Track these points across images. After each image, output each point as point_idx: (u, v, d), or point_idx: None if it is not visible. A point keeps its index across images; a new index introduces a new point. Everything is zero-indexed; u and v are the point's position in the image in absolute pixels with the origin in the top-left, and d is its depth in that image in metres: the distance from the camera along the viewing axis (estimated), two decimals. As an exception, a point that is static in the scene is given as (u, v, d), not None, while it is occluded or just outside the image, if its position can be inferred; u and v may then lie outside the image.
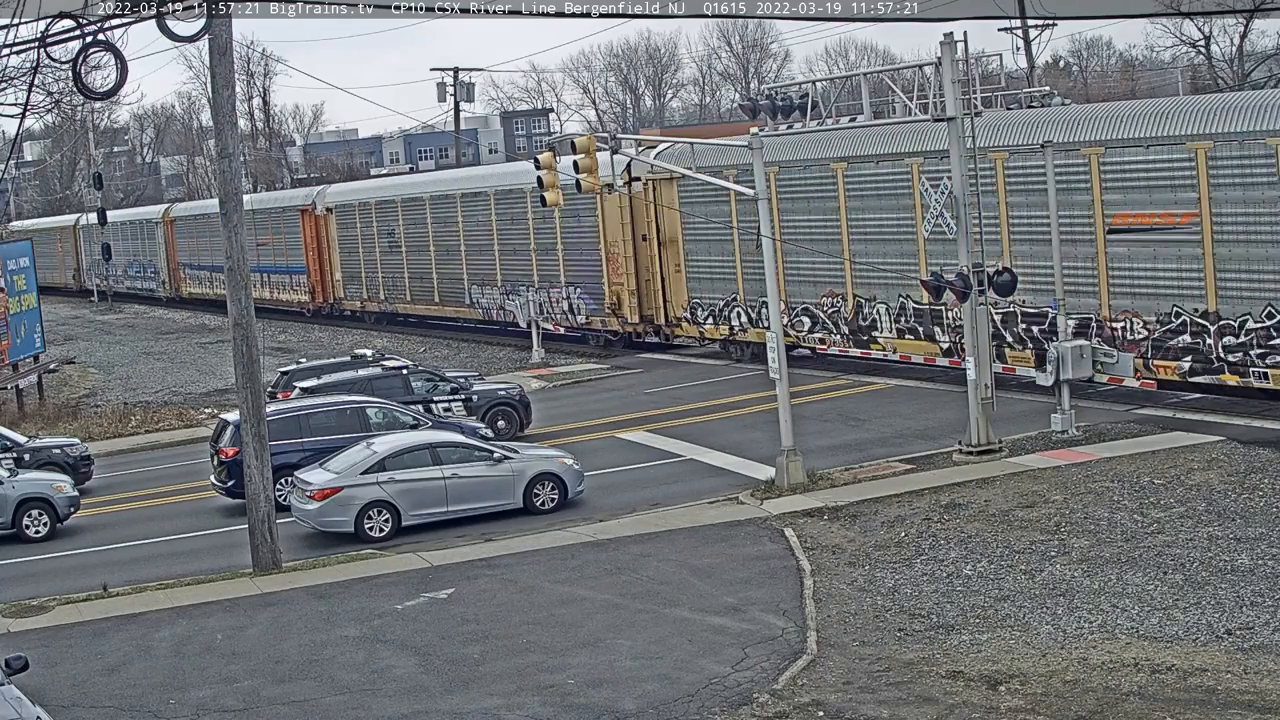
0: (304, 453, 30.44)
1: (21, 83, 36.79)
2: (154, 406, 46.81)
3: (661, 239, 46.33)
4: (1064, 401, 30.08)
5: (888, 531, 24.47)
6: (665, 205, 45.28)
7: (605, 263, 48.63)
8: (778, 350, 28.53)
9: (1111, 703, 16.78)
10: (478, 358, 52.09)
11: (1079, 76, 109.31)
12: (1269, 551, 21.50)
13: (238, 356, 26.03)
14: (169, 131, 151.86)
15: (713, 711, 17.53)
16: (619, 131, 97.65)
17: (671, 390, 41.09)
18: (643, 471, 31.64)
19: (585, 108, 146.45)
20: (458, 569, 24.51)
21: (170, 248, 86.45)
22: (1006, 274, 29.52)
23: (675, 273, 45.86)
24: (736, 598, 21.73)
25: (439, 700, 18.64)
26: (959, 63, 28.76)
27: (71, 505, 30.96)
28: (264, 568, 25.60)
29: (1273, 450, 26.91)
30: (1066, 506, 24.77)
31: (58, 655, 21.54)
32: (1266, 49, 78.89)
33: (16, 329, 47.86)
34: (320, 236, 68.52)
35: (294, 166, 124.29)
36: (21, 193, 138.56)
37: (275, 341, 59.46)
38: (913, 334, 37.30)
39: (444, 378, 37.42)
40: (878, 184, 37.55)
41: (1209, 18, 65.42)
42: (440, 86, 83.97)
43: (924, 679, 17.97)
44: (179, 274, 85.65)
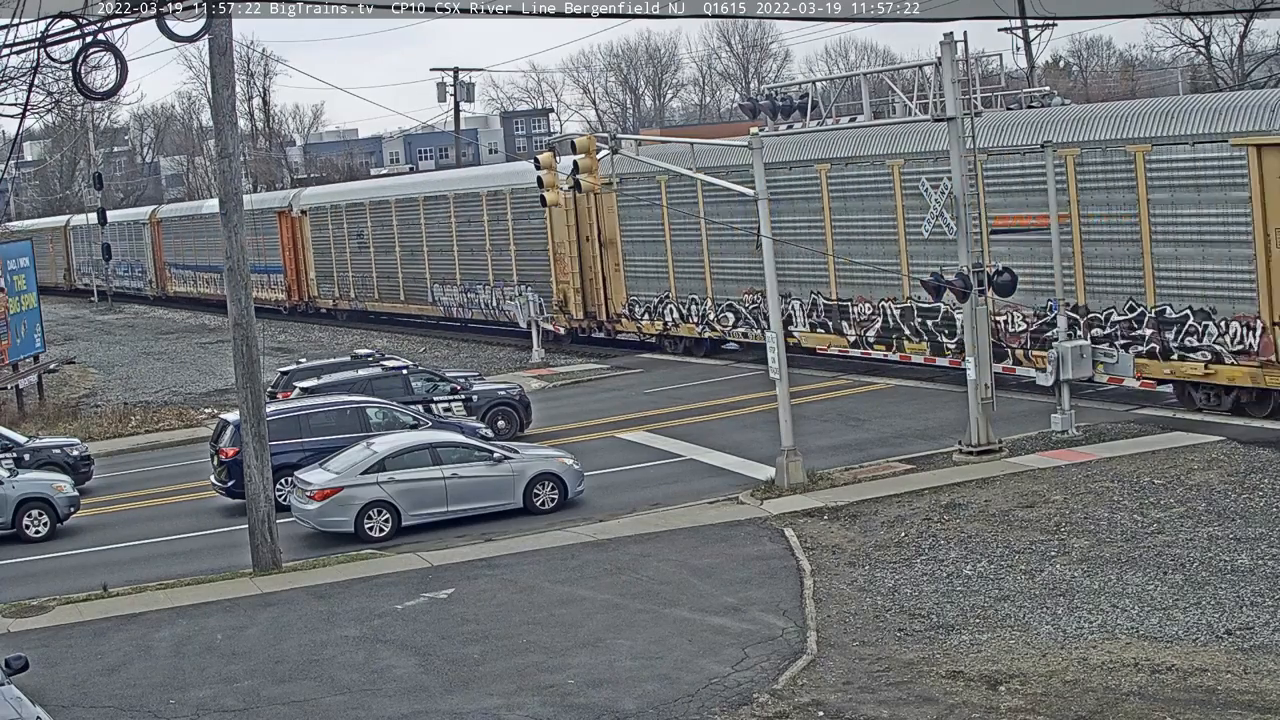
0: (304, 453, 30.44)
1: (21, 83, 36.84)
2: (154, 406, 46.81)
3: (603, 240, 49.13)
4: (1064, 401, 30.07)
5: (888, 531, 24.47)
6: (603, 208, 48.33)
7: (553, 263, 51.38)
8: (778, 350, 28.52)
9: (1111, 703, 16.78)
10: (477, 358, 52.12)
11: (1079, 76, 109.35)
12: (1269, 551, 21.50)
13: (238, 356, 26.03)
14: (169, 131, 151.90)
15: (713, 711, 17.53)
16: (619, 131, 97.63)
17: (671, 390, 41.10)
18: (643, 471, 31.64)
19: (585, 108, 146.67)
20: (458, 569, 24.51)
21: (157, 248, 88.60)
22: (1007, 274, 29.52)
23: (615, 272, 48.78)
24: (736, 598, 21.73)
25: (439, 700, 18.64)
26: (959, 63, 28.76)
27: (71, 505, 30.96)
28: (264, 568, 25.60)
29: (1273, 450, 26.92)
30: (1066, 506, 24.77)
31: (58, 655, 21.54)
32: (1266, 49, 79.00)
33: (16, 329, 47.86)
34: (296, 237, 70.81)
35: (294, 166, 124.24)
36: (21, 193, 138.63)
37: (275, 341, 59.48)
38: (823, 328, 40.59)
39: (444, 378, 37.43)
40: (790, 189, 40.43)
41: (1209, 18, 65.48)
42: (440, 86, 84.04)
43: (924, 679, 17.97)
44: (165, 273, 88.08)
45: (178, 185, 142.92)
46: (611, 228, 48.56)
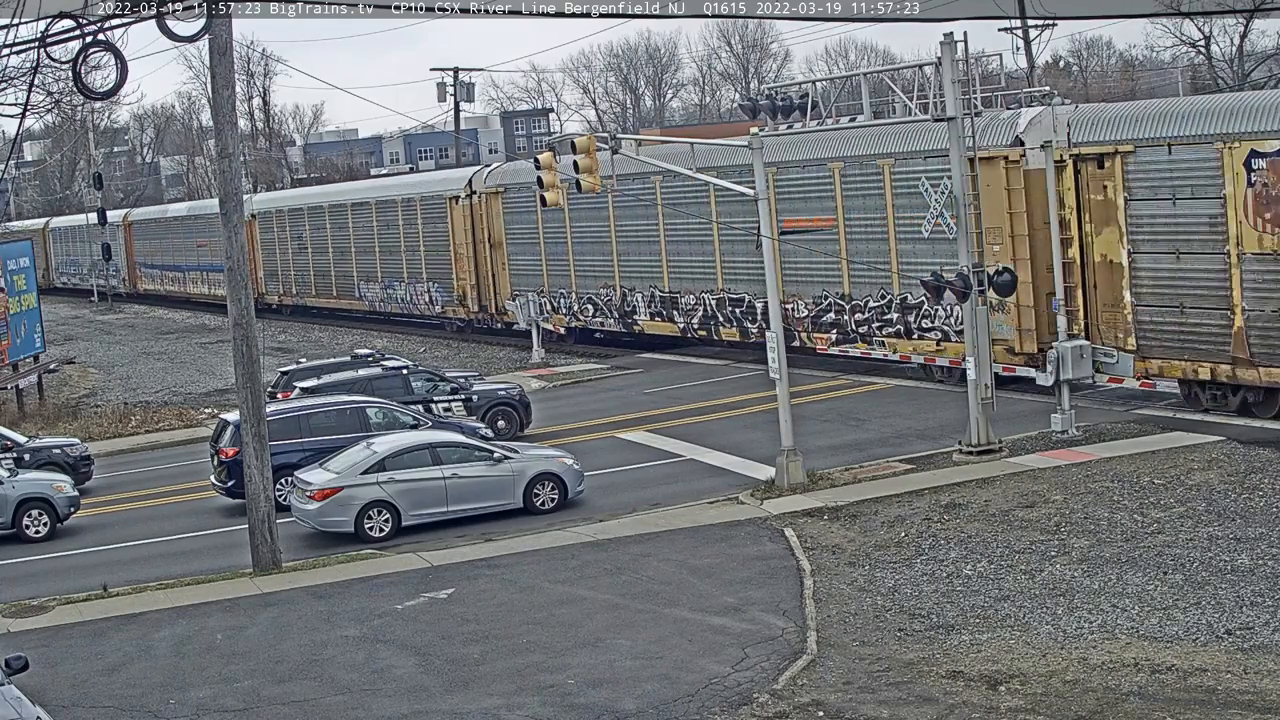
0: (304, 453, 30.44)
1: (21, 83, 36.81)
2: (154, 406, 46.82)
3: (492, 242, 55.43)
4: (1064, 401, 30.07)
5: (888, 531, 24.47)
6: (492, 214, 55.07)
7: (454, 262, 57.74)
8: (778, 350, 28.52)
9: (1111, 703, 16.78)
10: (477, 358, 52.16)
11: (1079, 76, 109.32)
12: (1269, 551, 21.50)
13: (238, 356, 26.03)
14: (169, 131, 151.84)
15: (713, 711, 17.53)
16: (619, 131, 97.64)
17: (671, 390, 41.11)
18: (643, 471, 31.64)
19: (585, 108, 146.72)
20: (458, 569, 24.51)
21: (129, 248, 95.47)
22: (1007, 274, 29.52)
23: (502, 270, 55.17)
24: (736, 598, 21.73)
25: (439, 700, 18.64)
26: (959, 63, 28.76)
27: (71, 505, 30.95)
28: (264, 568, 25.59)
29: (1273, 450, 26.92)
30: (1066, 506, 24.77)
31: (58, 655, 21.54)
32: (1266, 49, 78.95)
33: (16, 329, 47.85)
34: (249, 239, 73.53)
35: (294, 166, 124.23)
36: (21, 193, 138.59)
37: (275, 341, 59.53)
38: (660, 317, 46.93)
39: (444, 378, 37.43)
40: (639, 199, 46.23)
41: (1209, 18, 65.47)
42: (440, 86, 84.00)
43: (924, 679, 17.97)
44: (135, 271, 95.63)
45: (178, 185, 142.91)
46: (499, 231, 54.77)
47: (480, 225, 55.85)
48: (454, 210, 57.04)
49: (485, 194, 55.43)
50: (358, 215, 65.86)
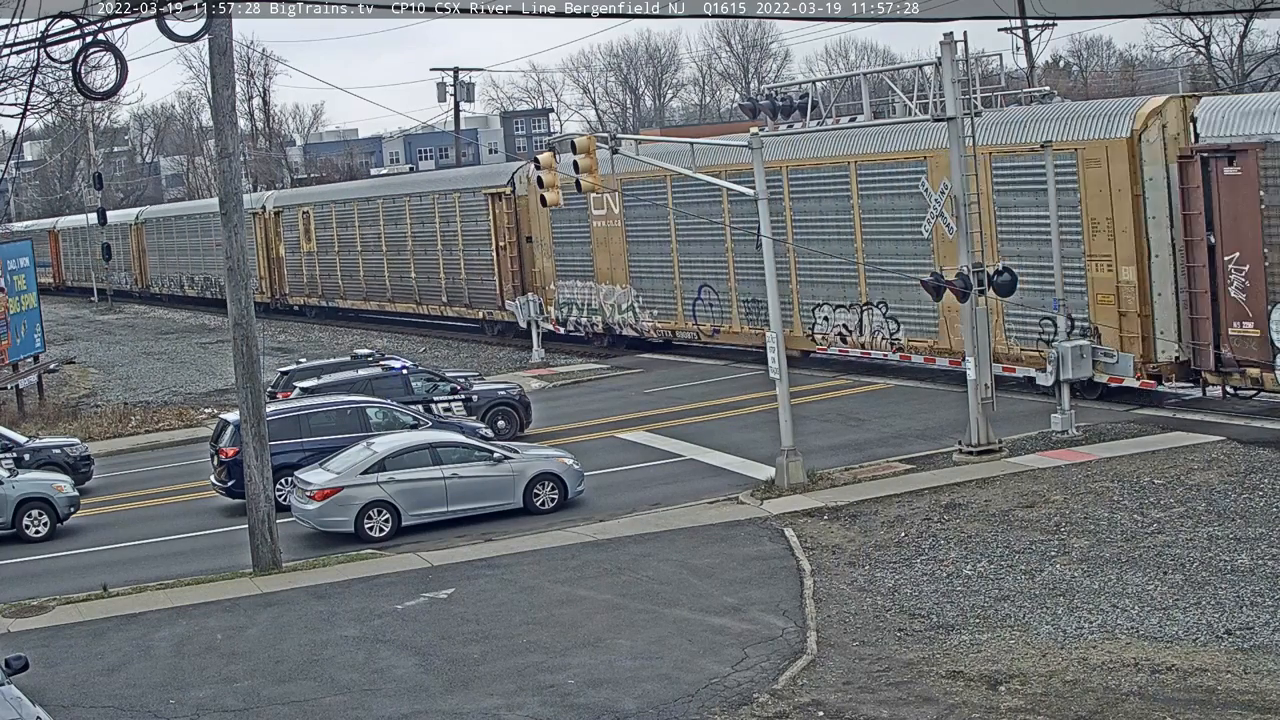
0: (304, 453, 30.44)
1: (21, 83, 36.84)
2: (154, 406, 46.82)
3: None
4: (1064, 401, 30.07)
5: (888, 531, 24.47)
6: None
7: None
8: (778, 350, 28.52)
9: (1111, 703, 16.78)
10: (478, 358, 52.15)
11: (1079, 76, 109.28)
12: (1269, 551, 21.50)
13: (238, 356, 26.02)
14: (169, 131, 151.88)
15: (713, 711, 17.53)
16: (619, 131, 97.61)
17: (671, 390, 41.10)
18: (643, 471, 31.64)
19: (585, 108, 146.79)
20: (458, 569, 24.51)
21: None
22: (1007, 274, 29.52)
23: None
24: (736, 598, 21.73)
25: (439, 700, 18.65)
26: (959, 63, 28.76)
27: (71, 505, 30.95)
28: (264, 568, 25.60)
29: (1273, 450, 26.91)
30: (1066, 506, 24.77)
31: (58, 655, 21.54)
32: (1266, 49, 78.90)
33: (16, 329, 47.84)
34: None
35: (294, 166, 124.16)
36: (21, 193, 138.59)
37: (275, 341, 59.50)
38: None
39: (444, 378, 37.42)
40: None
41: (1209, 18, 65.43)
42: (440, 86, 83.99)
43: (924, 679, 17.97)
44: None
45: (178, 185, 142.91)
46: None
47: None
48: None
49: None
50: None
